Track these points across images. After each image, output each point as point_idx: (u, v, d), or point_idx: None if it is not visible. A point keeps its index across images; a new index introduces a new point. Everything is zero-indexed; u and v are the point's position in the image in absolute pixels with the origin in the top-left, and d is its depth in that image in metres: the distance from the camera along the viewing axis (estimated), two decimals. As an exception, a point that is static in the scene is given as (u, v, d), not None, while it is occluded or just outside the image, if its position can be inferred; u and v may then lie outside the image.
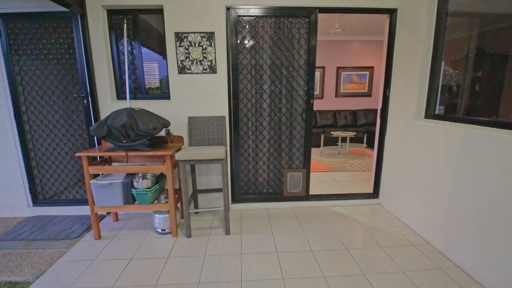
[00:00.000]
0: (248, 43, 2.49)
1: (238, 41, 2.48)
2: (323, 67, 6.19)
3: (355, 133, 4.84)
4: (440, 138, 1.95)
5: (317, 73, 6.19)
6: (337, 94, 6.37)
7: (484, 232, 1.60)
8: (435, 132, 2.01)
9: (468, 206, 1.71)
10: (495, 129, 1.61)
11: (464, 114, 2.01)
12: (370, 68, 6.23)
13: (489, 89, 1.85)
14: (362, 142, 5.49)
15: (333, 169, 4.03)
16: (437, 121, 2.09)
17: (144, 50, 2.55)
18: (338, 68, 6.22)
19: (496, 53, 1.83)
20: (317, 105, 6.36)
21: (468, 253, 1.72)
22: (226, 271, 1.80)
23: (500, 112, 1.75)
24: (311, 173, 3.80)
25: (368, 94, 6.38)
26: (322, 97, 6.37)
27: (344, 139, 5.58)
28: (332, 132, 4.93)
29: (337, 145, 5.38)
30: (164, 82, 2.63)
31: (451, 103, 2.14)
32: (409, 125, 2.32)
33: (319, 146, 5.30)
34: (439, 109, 2.20)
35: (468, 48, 1.98)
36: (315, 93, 6.27)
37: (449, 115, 2.06)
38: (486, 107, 1.87)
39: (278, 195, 2.80)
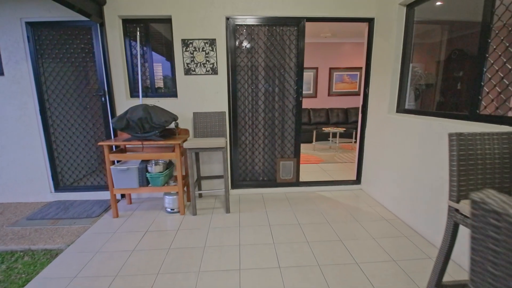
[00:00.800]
0: (245, 48, 2.86)
1: (236, 46, 2.84)
2: (316, 68, 6.57)
3: (345, 129, 5.23)
4: (407, 129, 2.33)
5: (311, 74, 6.57)
6: (330, 93, 6.75)
7: (436, 203, 1.98)
8: (403, 124, 2.39)
9: (425, 184, 2.09)
10: (445, 119, 1.99)
11: (429, 108, 2.39)
12: (361, 69, 6.62)
13: (449, 87, 2.23)
14: (352, 138, 5.88)
15: (323, 161, 4.41)
16: (406, 114, 2.47)
17: (146, 50, 2.91)
18: (330, 68, 6.60)
19: (455, 57, 2.22)
20: (311, 103, 6.75)
21: (428, 223, 2.10)
22: (227, 238, 2.17)
23: (458, 106, 2.14)
24: (303, 165, 4.18)
25: (359, 93, 6.77)
26: (315, 96, 6.75)
27: (334, 135, 5.97)
28: (323, 128, 5.31)
29: (328, 140, 5.77)
30: (167, 81, 2.99)
31: (419, 98, 2.52)
32: (383, 119, 2.70)
33: (311, 141, 5.68)
34: (409, 104, 2.59)
35: (433, 51, 2.37)
36: (309, 92, 6.68)
37: (416, 109, 2.45)
38: (447, 101, 2.25)
39: (272, 182, 3.17)
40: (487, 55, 1.69)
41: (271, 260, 1.88)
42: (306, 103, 6.74)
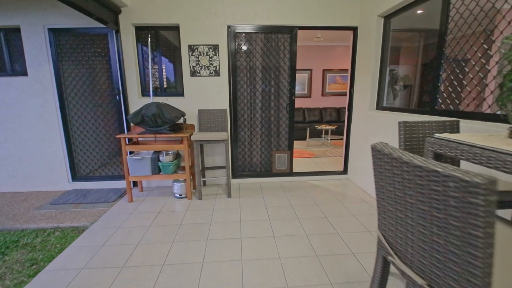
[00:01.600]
0: (244, 52, 3.23)
1: (237, 51, 3.21)
2: (311, 70, 6.96)
3: (336, 127, 5.62)
4: (383, 123, 2.72)
5: (305, 75, 6.96)
6: (323, 94, 7.15)
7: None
8: (380, 119, 2.78)
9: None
10: (412, 114, 2.38)
11: (403, 106, 2.78)
12: (352, 71, 7.02)
13: (420, 87, 2.63)
14: (343, 134, 6.28)
15: (315, 155, 4.79)
16: (383, 111, 2.86)
17: (156, 54, 3.26)
18: (324, 70, 7.00)
19: (424, 62, 2.62)
20: (306, 103, 7.14)
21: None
22: (229, 216, 2.53)
23: (424, 103, 2.53)
24: (297, 159, 4.56)
25: (350, 94, 7.17)
26: (310, 96, 7.14)
27: (327, 132, 6.36)
28: (316, 126, 5.70)
29: (321, 137, 6.16)
30: (175, 81, 3.34)
31: (396, 96, 2.91)
32: (365, 115, 3.09)
33: (305, 138, 6.07)
34: (388, 102, 2.97)
35: (408, 56, 2.76)
36: (304, 93, 7.07)
37: (391, 106, 2.84)
38: (417, 100, 2.65)
39: (268, 172, 3.54)
40: (442, 61, 2.08)
41: (267, 231, 2.24)
42: (301, 103, 7.13)
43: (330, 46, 6.85)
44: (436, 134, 1.09)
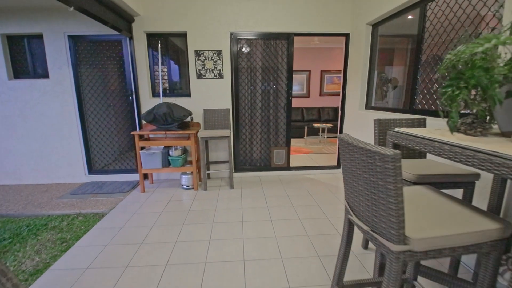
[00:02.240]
0: (245, 57, 3.53)
1: (238, 56, 3.52)
2: (309, 71, 7.25)
3: (333, 125, 5.91)
4: (369, 121, 3.02)
5: (304, 76, 7.26)
6: (321, 94, 7.44)
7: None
8: (367, 118, 3.07)
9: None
10: (394, 112, 2.68)
11: (389, 106, 3.07)
12: (349, 71, 7.30)
13: (404, 89, 2.92)
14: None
15: (312, 152, 5.09)
16: (371, 110, 3.16)
17: (165, 58, 3.57)
18: (322, 71, 7.29)
19: (410, 65, 2.91)
20: (304, 103, 7.43)
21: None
22: (232, 204, 2.85)
23: (405, 103, 2.82)
24: (295, 155, 4.86)
25: (348, 94, 7.45)
26: (308, 96, 7.44)
27: (324, 130, 6.66)
28: (313, 124, 5.99)
29: (318, 135, 6.46)
30: (182, 83, 3.65)
31: (384, 97, 3.20)
32: (356, 114, 3.39)
33: (303, 136, 6.36)
34: (376, 102, 3.27)
35: (396, 60, 3.05)
36: (302, 93, 7.36)
37: (377, 106, 3.13)
38: (401, 100, 2.94)
39: (267, 166, 3.85)
40: (419, 66, 2.38)
41: (265, 216, 2.56)
42: (300, 103, 7.43)
43: (327, 48, 7.13)
44: (396, 129, 1.39)
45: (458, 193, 1.87)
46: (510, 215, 1.51)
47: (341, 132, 3.84)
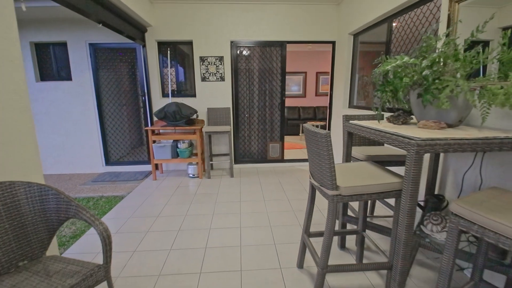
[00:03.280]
0: (244, 62, 4.01)
1: (238, 61, 4.00)
2: (305, 72, 7.72)
3: (325, 123, 6.37)
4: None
5: (300, 77, 7.73)
6: (317, 94, 7.91)
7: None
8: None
9: (359, 152, 3.25)
10: (368, 110, 3.15)
11: (366, 104, 3.54)
12: (343, 73, 7.77)
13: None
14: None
15: (306, 147, 5.57)
16: (354, 109, 3.63)
17: (173, 63, 4.06)
18: (317, 73, 7.76)
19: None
20: (301, 102, 7.90)
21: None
22: (232, 189, 3.33)
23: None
24: (291, 150, 5.34)
25: (342, 94, 7.92)
26: (305, 96, 7.91)
27: (317, 127, 7.13)
28: (308, 122, 6.46)
29: (314, 133, 6.94)
30: (188, 85, 4.14)
31: (365, 97, 3.68)
32: (340, 112, 3.86)
33: (299, 133, 6.83)
34: (359, 102, 3.74)
35: (371, 63, 3.52)
36: (299, 93, 7.83)
37: (359, 105, 3.60)
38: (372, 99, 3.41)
39: (263, 159, 4.33)
40: (387, 72, 2.85)
41: (259, 197, 3.04)
42: (297, 102, 7.90)
43: (322, 51, 7.60)
44: (350, 121, 1.86)
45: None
46: (443, 187, 1.98)
47: (329, 128, 4.32)
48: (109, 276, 1.33)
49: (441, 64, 1.37)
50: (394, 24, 2.75)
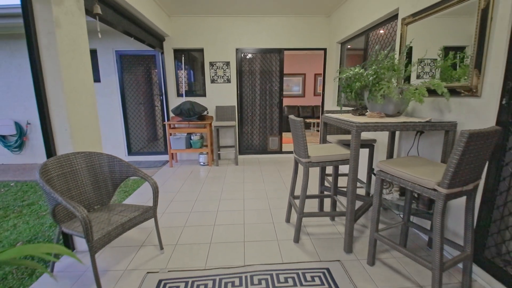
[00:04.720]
0: (247, 66, 4.65)
1: (242, 65, 4.64)
2: (304, 74, 8.33)
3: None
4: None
5: (300, 78, 8.34)
6: (315, 94, 8.51)
7: (347, 152, 3.75)
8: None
9: (344, 143, 3.86)
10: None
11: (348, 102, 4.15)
12: (340, 74, 8.36)
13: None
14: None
15: (303, 142, 6.18)
16: (344, 107, 4.23)
17: (187, 67, 4.72)
18: (315, 74, 8.36)
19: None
20: (300, 102, 8.51)
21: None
22: (237, 174, 3.98)
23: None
24: (288, 144, 5.96)
25: (339, 94, 8.51)
26: (304, 96, 8.51)
27: (314, 124, 7.73)
28: (306, 120, 7.08)
29: (310, 129, 7.53)
30: (200, 86, 4.79)
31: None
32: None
33: (298, 130, 7.46)
34: (345, 101, 4.34)
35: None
36: (298, 93, 8.44)
37: (345, 103, 4.21)
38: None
39: (264, 150, 4.96)
40: (365, 76, 3.46)
41: (259, 180, 3.68)
42: (296, 101, 8.51)
43: (319, 55, 8.16)
44: (325, 114, 2.48)
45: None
46: (398, 165, 2.59)
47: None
48: (156, 215, 1.98)
49: (379, 73, 1.99)
50: (370, 35, 3.37)
